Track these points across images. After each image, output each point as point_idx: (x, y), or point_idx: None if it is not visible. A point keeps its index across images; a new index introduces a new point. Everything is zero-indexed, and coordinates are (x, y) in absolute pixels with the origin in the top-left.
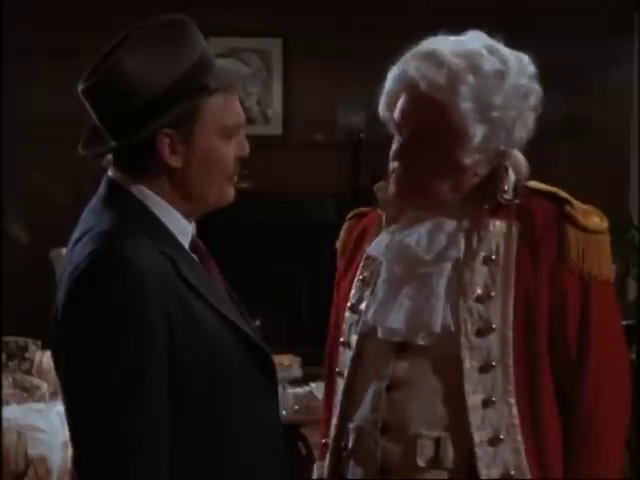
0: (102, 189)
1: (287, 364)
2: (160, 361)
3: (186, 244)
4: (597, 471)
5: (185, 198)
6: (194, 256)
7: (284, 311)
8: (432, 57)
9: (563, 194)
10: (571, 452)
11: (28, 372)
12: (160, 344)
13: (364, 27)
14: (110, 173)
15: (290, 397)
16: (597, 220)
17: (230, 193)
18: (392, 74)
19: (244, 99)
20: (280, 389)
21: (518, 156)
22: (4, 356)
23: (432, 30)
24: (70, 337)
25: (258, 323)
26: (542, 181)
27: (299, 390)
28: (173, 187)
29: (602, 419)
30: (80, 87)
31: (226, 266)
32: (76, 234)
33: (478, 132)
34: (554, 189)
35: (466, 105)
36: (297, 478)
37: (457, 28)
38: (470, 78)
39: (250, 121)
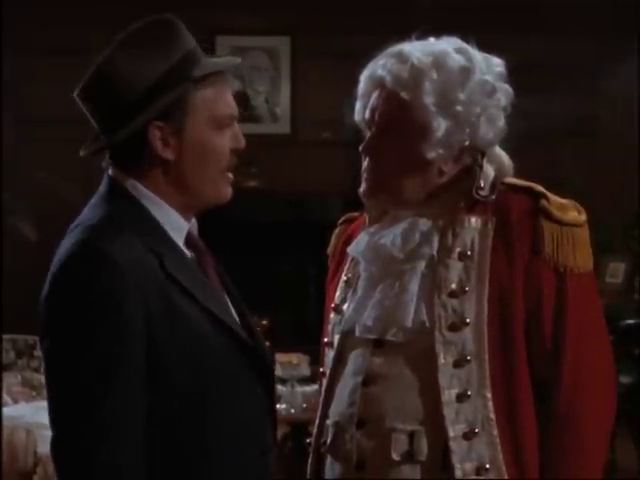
0: (102, 186)
1: (295, 363)
2: (135, 349)
3: (180, 240)
4: (576, 464)
5: (181, 192)
6: (188, 253)
7: (292, 310)
8: (398, 55)
9: (539, 188)
10: (550, 444)
11: (37, 370)
12: (137, 335)
13: (372, 26)
14: (110, 172)
15: (298, 395)
16: (575, 214)
17: (227, 189)
18: (363, 76)
19: (252, 97)
20: (289, 387)
21: (500, 154)
22: (13, 354)
23: (438, 29)
24: (50, 324)
25: (265, 322)
26: (548, 181)
27: (307, 388)
28: (168, 181)
29: (580, 414)
30: (75, 92)
31: (233, 265)
32: (71, 227)
33: (441, 126)
34: (531, 184)
35: (429, 99)
36: (305, 476)
37: (462, 27)
38: (434, 74)
39: (258, 120)
